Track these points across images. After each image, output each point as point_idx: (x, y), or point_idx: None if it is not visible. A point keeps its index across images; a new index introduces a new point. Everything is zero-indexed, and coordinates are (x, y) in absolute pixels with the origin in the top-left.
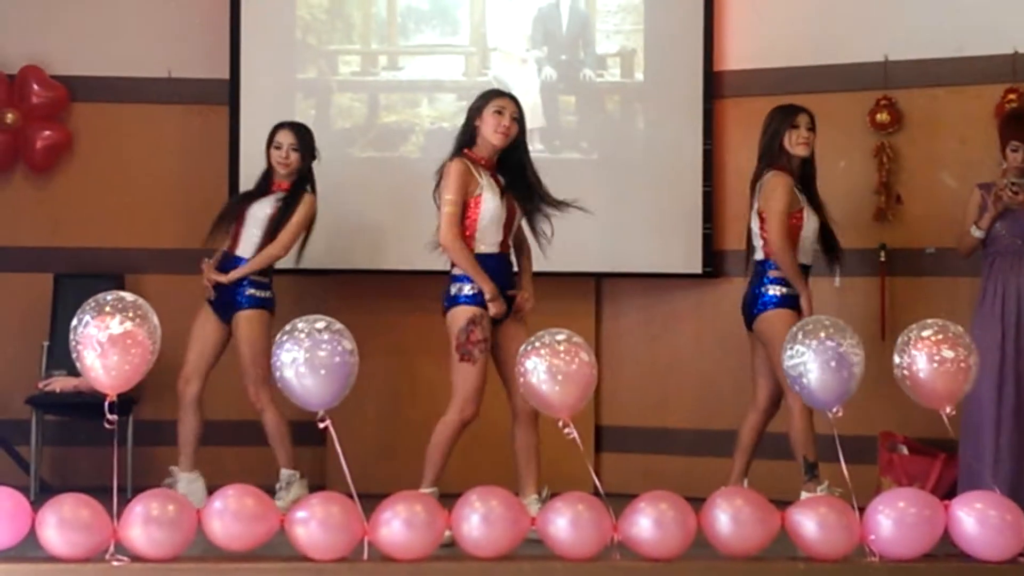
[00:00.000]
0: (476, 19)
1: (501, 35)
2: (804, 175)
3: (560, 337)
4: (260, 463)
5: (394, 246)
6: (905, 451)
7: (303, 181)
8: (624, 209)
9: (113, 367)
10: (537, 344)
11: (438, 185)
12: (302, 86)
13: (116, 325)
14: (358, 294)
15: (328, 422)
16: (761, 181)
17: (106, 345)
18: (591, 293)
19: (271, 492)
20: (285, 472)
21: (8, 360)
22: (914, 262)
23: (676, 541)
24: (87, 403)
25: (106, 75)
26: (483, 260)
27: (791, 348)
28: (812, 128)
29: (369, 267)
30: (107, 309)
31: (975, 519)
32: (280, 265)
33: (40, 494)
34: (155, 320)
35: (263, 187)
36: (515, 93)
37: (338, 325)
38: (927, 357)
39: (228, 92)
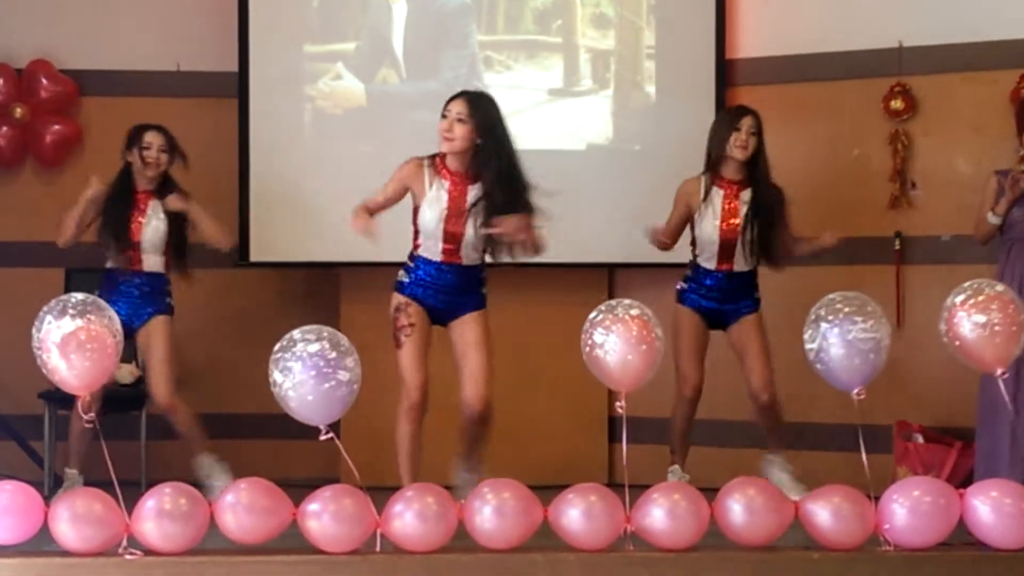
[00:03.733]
0: (482, 11)
1: (507, 28)
2: (752, 178)
3: (631, 308)
4: (277, 456)
5: (403, 238)
6: (920, 440)
7: (169, 184)
8: (636, 200)
9: (76, 368)
10: (608, 313)
11: None
12: (311, 78)
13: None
14: (369, 287)
15: (331, 434)
16: None
17: (68, 346)
18: (604, 284)
19: (285, 486)
20: (210, 459)
21: (20, 355)
22: (930, 250)
23: (689, 531)
24: (100, 397)
25: (115, 69)
26: (421, 265)
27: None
28: (756, 132)
29: (379, 260)
30: (69, 311)
31: (990, 507)
32: (287, 259)
33: (54, 488)
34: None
35: (129, 198)
36: (521, 86)
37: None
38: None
39: (237, 85)
